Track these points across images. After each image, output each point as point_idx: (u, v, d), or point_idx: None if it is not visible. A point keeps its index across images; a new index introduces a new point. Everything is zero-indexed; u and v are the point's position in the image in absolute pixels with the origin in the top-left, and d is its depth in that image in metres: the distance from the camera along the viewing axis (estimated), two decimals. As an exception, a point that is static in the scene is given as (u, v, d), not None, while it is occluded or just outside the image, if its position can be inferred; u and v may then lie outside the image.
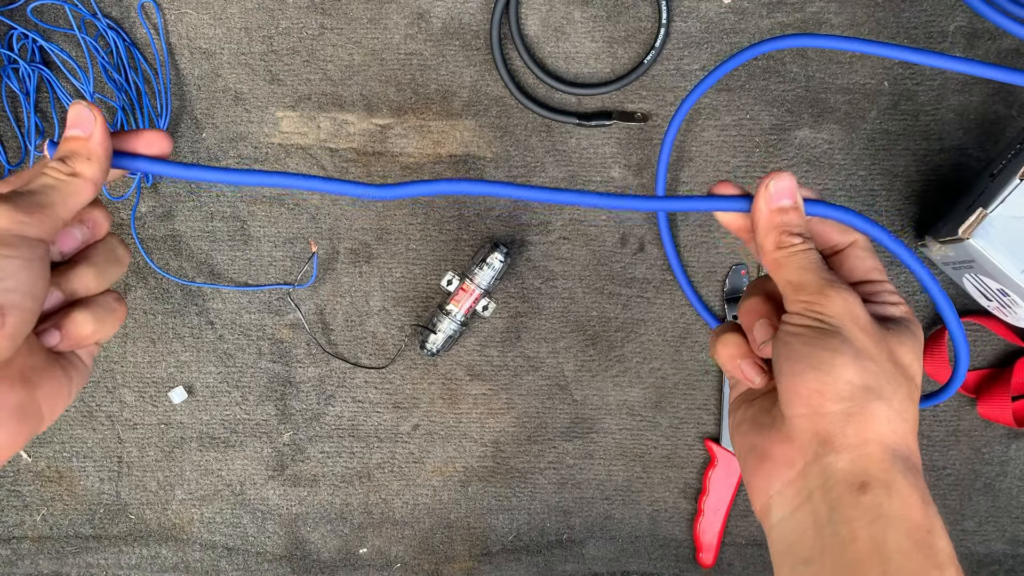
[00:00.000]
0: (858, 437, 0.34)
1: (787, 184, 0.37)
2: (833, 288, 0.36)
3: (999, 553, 0.65)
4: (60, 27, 0.64)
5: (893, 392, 0.35)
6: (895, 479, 0.34)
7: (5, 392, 0.34)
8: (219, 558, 0.67)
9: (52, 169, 0.36)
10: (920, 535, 0.33)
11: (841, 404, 0.34)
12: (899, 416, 0.35)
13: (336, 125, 0.64)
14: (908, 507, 0.33)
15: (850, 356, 0.34)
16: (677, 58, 0.63)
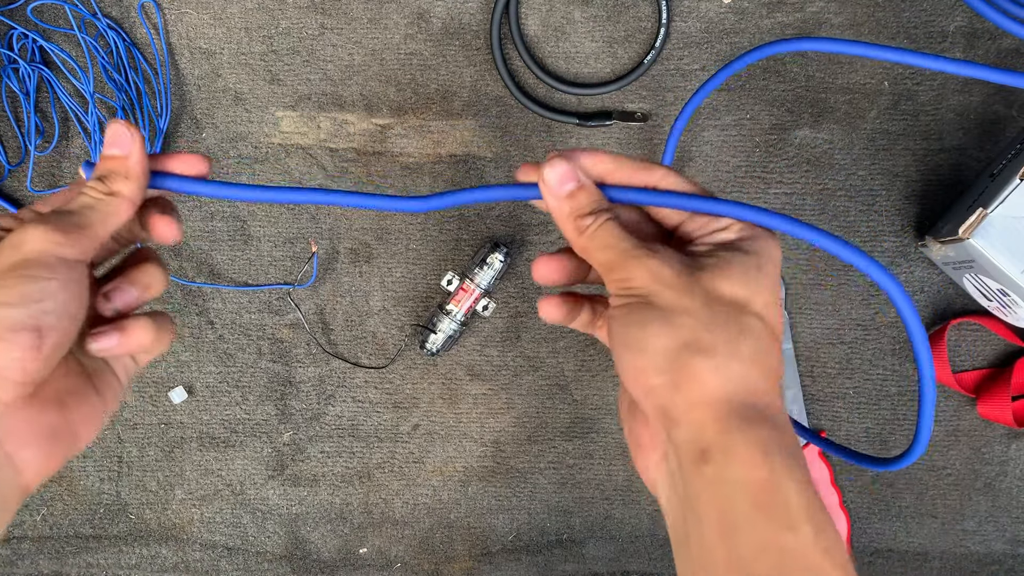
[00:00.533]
0: (687, 403, 0.32)
1: (561, 169, 0.35)
2: (634, 257, 0.33)
3: (999, 553, 0.65)
4: (60, 27, 0.64)
5: (715, 337, 0.32)
6: (731, 439, 0.31)
7: (40, 415, 0.34)
8: (219, 558, 0.67)
9: (91, 189, 0.35)
10: (765, 495, 0.30)
11: (664, 375, 0.32)
12: (729, 359, 0.32)
13: (336, 125, 0.64)
14: (748, 468, 0.30)
15: (659, 321, 0.32)
16: (677, 58, 0.63)
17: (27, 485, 0.34)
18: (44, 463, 0.34)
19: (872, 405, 0.64)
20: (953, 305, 0.64)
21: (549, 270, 0.38)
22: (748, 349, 0.32)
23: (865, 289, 0.64)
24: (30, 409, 0.34)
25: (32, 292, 0.32)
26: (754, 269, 0.33)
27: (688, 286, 0.33)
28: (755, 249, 0.34)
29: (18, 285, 0.32)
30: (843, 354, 0.64)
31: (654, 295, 0.33)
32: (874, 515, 0.65)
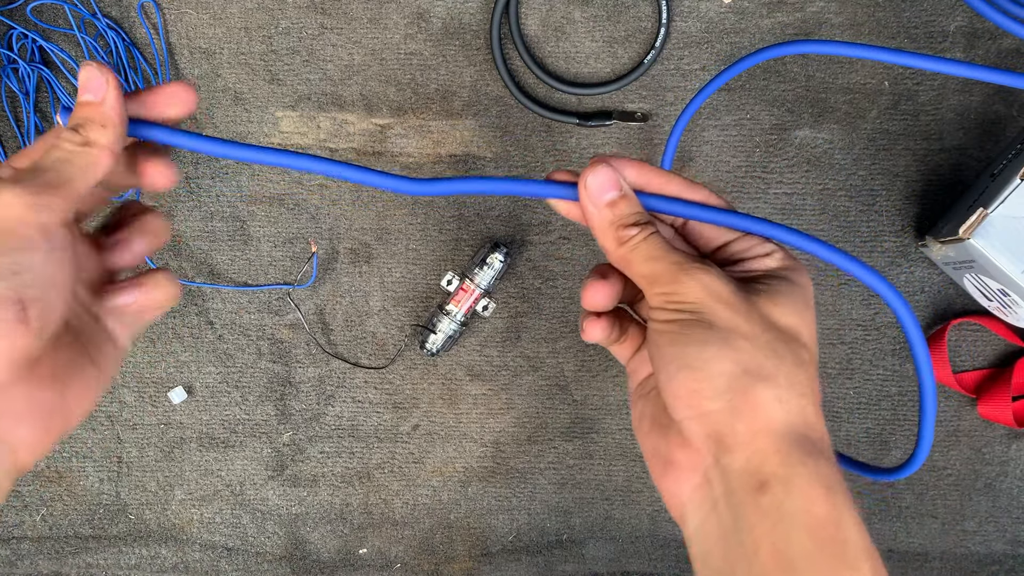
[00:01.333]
0: (748, 431, 0.31)
1: (604, 177, 0.34)
2: (685, 271, 0.32)
3: (999, 553, 0.65)
4: (60, 27, 0.64)
5: (777, 366, 0.31)
6: (794, 471, 0.30)
7: (35, 392, 0.32)
8: (219, 558, 0.67)
9: (64, 140, 0.32)
10: (826, 532, 0.29)
11: (722, 399, 0.31)
12: (790, 391, 0.31)
13: (336, 125, 0.64)
14: (810, 501, 0.30)
15: (719, 343, 0.31)
16: (677, 58, 0.63)
17: (23, 464, 0.33)
18: (40, 441, 0.33)
19: (872, 406, 0.64)
20: (953, 305, 0.64)
21: (602, 296, 0.37)
22: (805, 381, 0.32)
23: (865, 289, 0.64)
24: (25, 386, 0.32)
25: (9, 264, 0.30)
26: (802, 300, 0.33)
27: (748, 309, 0.32)
28: (801, 281, 0.34)
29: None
30: (843, 354, 0.64)
31: (710, 312, 0.32)
32: (874, 515, 0.65)
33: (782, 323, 0.32)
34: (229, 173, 0.65)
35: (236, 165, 0.65)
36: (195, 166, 0.65)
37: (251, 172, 0.65)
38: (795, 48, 0.51)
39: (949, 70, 0.48)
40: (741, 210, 0.64)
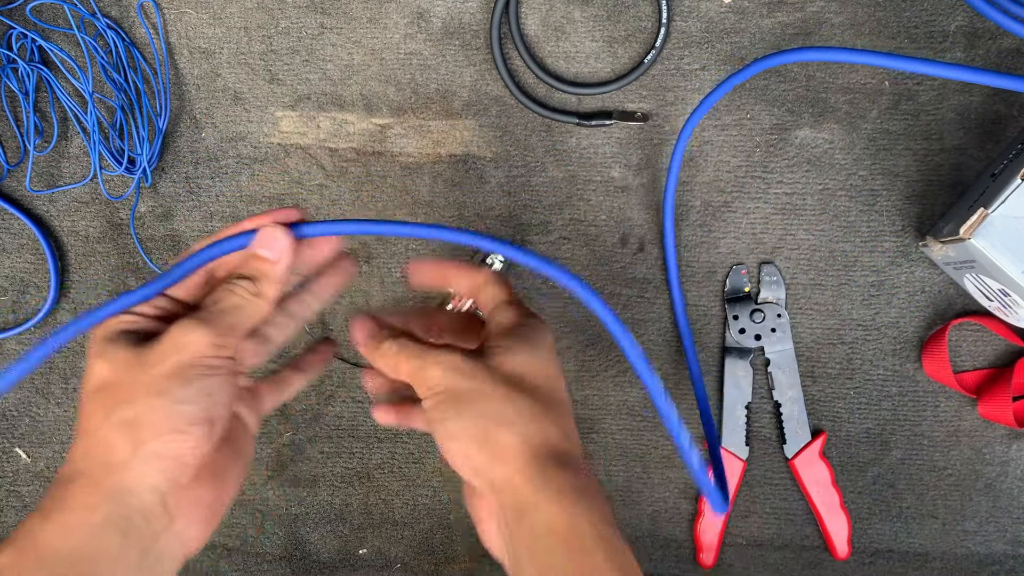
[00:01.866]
0: (505, 472, 0.37)
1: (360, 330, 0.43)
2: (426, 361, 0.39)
3: (1000, 553, 0.64)
4: (59, 27, 0.64)
5: (515, 409, 0.37)
6: (540, 496, 0.36)
7: (202, 491, 0.38)
8: (219, 558, 0.67)
9: (241, 289, 0.38)
10: (565, 535, 0.35)
11: (481, 455, 0.37)
12: (529, 424, 0.37)
13: (336, 125, 0.64)
14: (552, 515, 0.36)
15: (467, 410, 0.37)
16: (677, 58, 0.63)
17: (190, 551, 0.38)
18: (204, 532, 0.38)
19: (873, 406, 0.64)
20: (954, 305, 0.63)
21: (375, 390, 0.47)
22: (539, 410, 0.38)
23: (865, 289, 0.64)
24: (196, 488, 0.37)
25: (203, 388, 0.36)
26: (530, 348, 0.40)
27: (482, 371, 0.38)
28: (532, 334, 0.40)
29: (192, 383, 0.36)
30: (843, 355, 0.64)
31: (454, 387, 0.38)
32: (875, 515, 0.65)
33: (514, 373, 0.38)
34: (229, 173, 0.65)
35: (236, 165, 0.65)
36: (195, 166, 0.65)
37: (251, 172, 0.65)
38: (803, 55, 0.51)
39: (950, 74, 0.48)
40: (740, 210, 0.64)
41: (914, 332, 0.64)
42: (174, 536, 0.36)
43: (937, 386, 0.64)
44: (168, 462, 0.35)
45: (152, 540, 0.35)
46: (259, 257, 0.39)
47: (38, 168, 0.65)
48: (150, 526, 0.35)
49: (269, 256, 0.39)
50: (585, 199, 0.64)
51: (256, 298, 0.38)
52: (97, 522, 0.34)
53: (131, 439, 0.35)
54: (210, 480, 0.38)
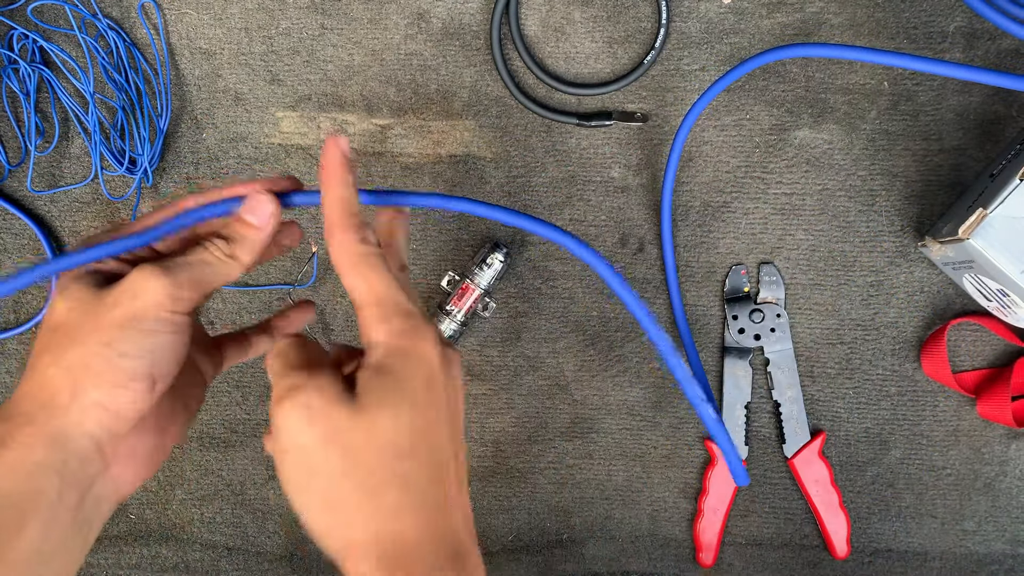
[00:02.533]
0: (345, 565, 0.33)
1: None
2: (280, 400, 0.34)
3: (999, 553, 0.65)
4: (60, 27, 0.64)
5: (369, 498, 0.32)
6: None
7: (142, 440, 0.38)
8: (219, 558, 0.67)
9: (214, 247, 0.37)
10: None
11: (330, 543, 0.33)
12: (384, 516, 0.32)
13: (336, 125, 0.64)
14: None
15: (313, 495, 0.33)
16: (677, 58, 0.63)
17: (124, 495, 0.38)
18: (139, 478, 0.38)
19: (872, 405, 0.64)
20: (953, 305, 0.64)
21: None
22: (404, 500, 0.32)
23: (864, 289, 0.64)
24: (135, 437, 0.37)
25: (149, 345, 0.35)
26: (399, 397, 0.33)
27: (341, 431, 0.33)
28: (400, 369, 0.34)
29: (138, 339, 0.34)
30: (843, 354, 0.64)
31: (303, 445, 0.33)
32: (874, 515, 0.65)
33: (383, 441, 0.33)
34: (230, 174, 0.65)
35: (237, 165, 0.65)
36: (196, 167, 0.65)
37: (252, 173, 0.65)
38: (799, 51, 0.51)
39: (948, 72, 0.48)
40: (739, 210, 0.64)
41: (913, 332, 0.64)
42: (109, 481, 0.36)
43: (936, 386, 0.64)
44: (106, 413, 0.35)
45: (88, 484, 0.35)
46: (243, 221, 0.37)
47: (39, 168, 0.65)
48: (85, 470, 0.35)
49: (253, 221, 0.37)
50: (585, 199, 0.64)
51: (229, 260, 0.37)
52: (36, 462, 0.34)
53: (72, 384, 0.34)
54: (151, 430, 0.38)
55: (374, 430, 0.32)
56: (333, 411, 0.32)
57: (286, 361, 0.35)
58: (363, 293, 0.35)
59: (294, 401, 0.33)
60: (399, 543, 0.32)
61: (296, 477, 0.33)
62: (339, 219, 0.36)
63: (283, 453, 0.33)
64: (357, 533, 0.32)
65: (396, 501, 0.32)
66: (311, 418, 0.33)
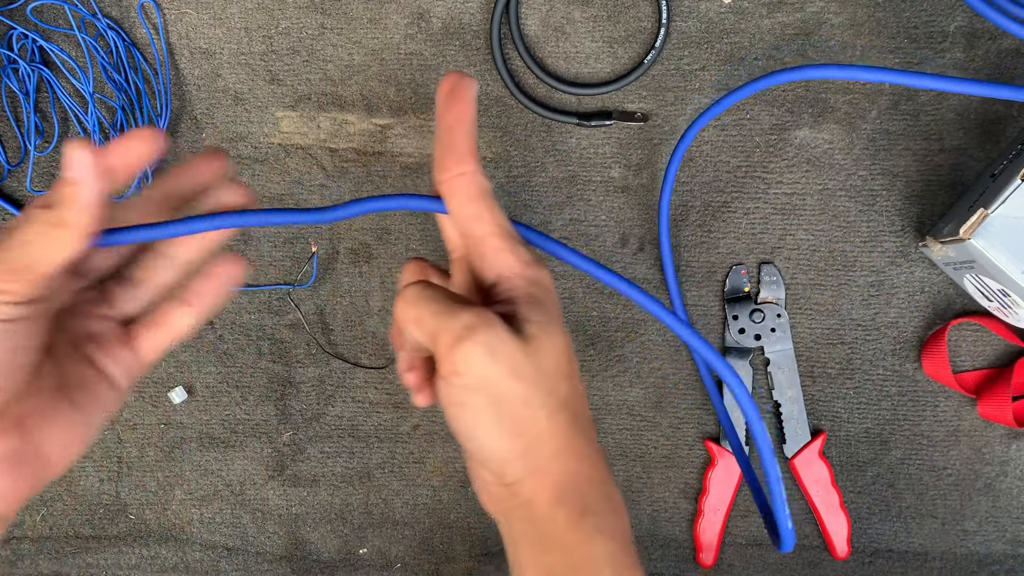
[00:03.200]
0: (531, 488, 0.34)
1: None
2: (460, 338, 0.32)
3: (999, 553, 0.65)
4: (60, 27, 0.64)
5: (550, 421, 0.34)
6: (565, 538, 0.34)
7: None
8: (219, 558, 0.67)
9: (34, 220, 0.32)
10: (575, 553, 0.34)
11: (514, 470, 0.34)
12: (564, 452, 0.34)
13: (336, 125, 0.64)
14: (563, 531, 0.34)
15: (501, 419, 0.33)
16: (677, 58, 0.63)
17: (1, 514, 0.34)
18: (10, 490, 0.34)
19: (872, 406, 0.64)
20: (953, 305, 0.64)
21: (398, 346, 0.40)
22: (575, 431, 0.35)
23: (865, 289, 0.64)
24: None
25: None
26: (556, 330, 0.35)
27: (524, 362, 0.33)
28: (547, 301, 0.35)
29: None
30: (843, 354, 0.64)
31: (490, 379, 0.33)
32: (874, 515, 0.65)
33: (549, 368, 0.34)
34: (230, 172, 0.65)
35: (236, 165, 0.65)
36: (195, 166, 0.65)
37: (251, 172, 0.65)
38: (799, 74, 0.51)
39: (951, 88, 0.48)
40: (740, 210, 0.64)
41: (914, 332, 0.64)
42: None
43: (937, 386, 0.64)
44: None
45: None
46: (63, 180, 0.32)
47: (39, 168, 0.65)
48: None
49: (70, 176, 0.31)
50: (585, 199, 0.64)
51: (56, 229, 0.31)
52: None
53: None
54: (11, 429, 0.33)
55: (542, 358, 0.33)
56: (509, 345, 0.33)
57: (444, 302, 0.34)
58: (488, 224, 0.35)
59: (475, 340, 0.32)
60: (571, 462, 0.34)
61: (485, 411, 0.33)
62: (470, 150, 0.35)
63: (470, 390, 0.33)
64: (544, 455, 0.33)
65: (567, 423, 0.34)
66: (493, 354, 0.32)
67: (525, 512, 0.34)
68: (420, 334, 0.34)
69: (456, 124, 0.35)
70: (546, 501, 0.34)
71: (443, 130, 0.35)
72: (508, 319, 0.34)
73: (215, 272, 0.39)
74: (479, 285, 0.37)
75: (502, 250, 0.35)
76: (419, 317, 0.34)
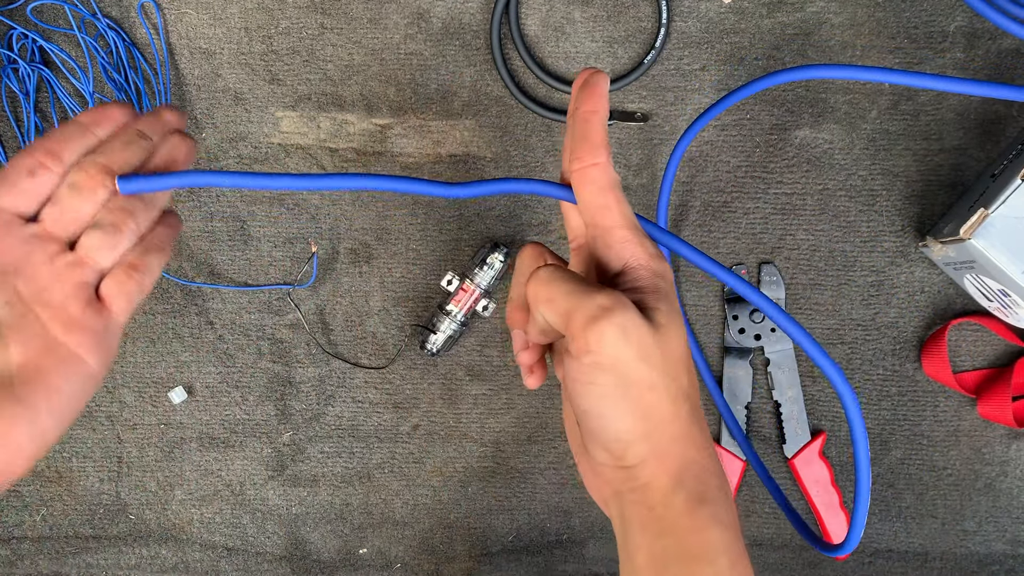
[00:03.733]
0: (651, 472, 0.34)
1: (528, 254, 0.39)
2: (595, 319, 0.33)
3: (999, 553, 0.65)
4: (60, 27, 0.64)
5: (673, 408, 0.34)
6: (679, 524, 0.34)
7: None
8: (219, 558, 0.67)
9: None
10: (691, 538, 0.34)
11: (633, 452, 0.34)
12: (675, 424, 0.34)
13: (336, 125, 0.64)
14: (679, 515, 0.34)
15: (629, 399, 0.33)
16: (677, 58, 0.63)
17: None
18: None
19: (872, 405, 0.64)
20: (953, 305, 0.64)
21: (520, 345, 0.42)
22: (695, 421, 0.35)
23: (865, 289, 0.64)
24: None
25: None
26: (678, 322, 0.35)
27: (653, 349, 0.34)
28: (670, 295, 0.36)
29: None
30: (843, 354, 0.64)
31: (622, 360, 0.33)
32: (874, 515, 0.65)
33: (674, 357, 0.34)
34: (229, 173, 0.65)
35: (236, 165, 0.65)
36: (195, 166, 0.65)
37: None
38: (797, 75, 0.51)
39: (951, 88, 0.48)
40: (740, 210, 0.64)
41: (914, 332, 0.64)
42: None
43: (937, 386, 0.64)
44: None
45: None
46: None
47: (38, 168, 0.65)
48: None
49: None
50: (585, 199, 0.64)
51: None
52: None
53: None
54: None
55: (668, 345, 0.34)
56: (641, 329, 0.33)
57: (576, 283, 0.34)
58: (617, 215, 0.36)
59: (610, 321, 0.33)
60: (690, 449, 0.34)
61: (615, 390, 0.33)
62: (603, 142, 0.36)
63: (600, 369, 0.33)
64: (665, 440, 0.34)
65: (688, 411, 0.35)
66: (626, 336, 0.33)
67: (641, 496, 0.34)
68: (552, 314, 0.34)
69: (591, 115, 0.36)
70: (665, 486, 0.34)
71: (578, 120, 0.36)
72: (636, 306, 0.34)
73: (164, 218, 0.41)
74: (602, 273, 0.37)
75: (630, 241, 0.36)
76: (552, 296, 0.34)
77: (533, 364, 0.41)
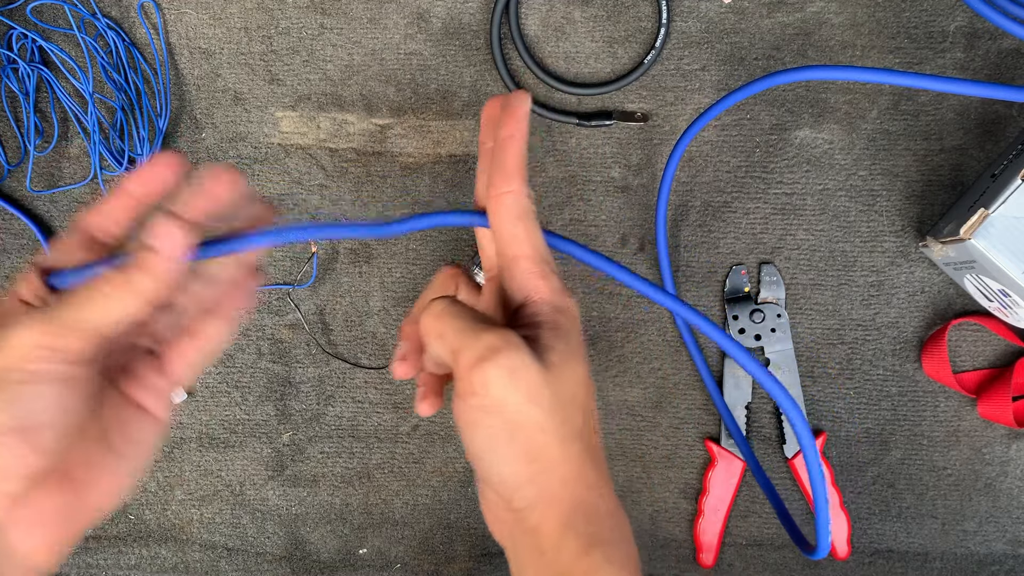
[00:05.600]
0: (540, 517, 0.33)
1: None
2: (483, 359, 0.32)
3: (999, 553, 0.65)
4: (60, 27, 0.64)
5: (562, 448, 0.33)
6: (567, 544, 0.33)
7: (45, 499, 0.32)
8: (219, 558, 0.67)
9: (106, 283, 0.31)
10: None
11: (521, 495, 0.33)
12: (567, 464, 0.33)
13: (336, 125, 0.64)
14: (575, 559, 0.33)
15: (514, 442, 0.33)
16: (677, 58, 0.63)
17: (41, 567, 0.33)
18: (56, 543, 0.33)
19: (872, 406, 0.64)
20: (953, 305, 0.64)
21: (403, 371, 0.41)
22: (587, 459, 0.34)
23: (865, 289, 0.64)
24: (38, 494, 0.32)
25: (13, 396, 0.31)
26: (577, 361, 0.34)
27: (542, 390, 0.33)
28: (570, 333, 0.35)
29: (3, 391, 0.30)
30: (843, 354, 0.64)
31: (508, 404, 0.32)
32: (874, 516, 0.65)
33: (569, 396, 0.33)
34: (229, 173, 0.65)
35: (236, 165, 0.65)
36: (195, 167, 0.65)
37: (251, 173, 0.65)
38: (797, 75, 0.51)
39: (951, 88, 0.48)
40: (740, 210, 0.64)
41: (914, 332, 0.64)
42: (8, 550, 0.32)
43: (937, 386, 0.64)
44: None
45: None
46: (146, 246, 0.32)
47: (38, 168, 0.65)
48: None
49: (158, 248, 0.31)
50: (585, 199, 0.64)
51: (123, 292, 0.31)
52: None
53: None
54: (58, 484, 0.33)
55: (562, 386, 0.33)
56: (530, 370, 0.32)
57: (467, 320, 0.33)
58: (525, 246, 0.35)
59: (496, 363, 0.32)
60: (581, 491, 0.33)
61: (500, 433, 0.33)
62: (519, 169, 0.35)
63: (486, 412, 0.32)
64: (555, 482, 0.33)
65: (580, 452, 0.34)
66: (514, 378, 0.32)
67: (532, 539, 0.33)
68: (442, 349, 0.34)
69: (508, 141, 0.35)
70: (554, 529, 0.33)
71: (496, 145, 0.35)
72: (531, 343, 0.33)
73: (239, 284, 0.38)
74: (507, 306, 0.36)
75: (533, 274, 0.35)
76: (443, 332, 0.34)
77: (427, 390, 0.41)
